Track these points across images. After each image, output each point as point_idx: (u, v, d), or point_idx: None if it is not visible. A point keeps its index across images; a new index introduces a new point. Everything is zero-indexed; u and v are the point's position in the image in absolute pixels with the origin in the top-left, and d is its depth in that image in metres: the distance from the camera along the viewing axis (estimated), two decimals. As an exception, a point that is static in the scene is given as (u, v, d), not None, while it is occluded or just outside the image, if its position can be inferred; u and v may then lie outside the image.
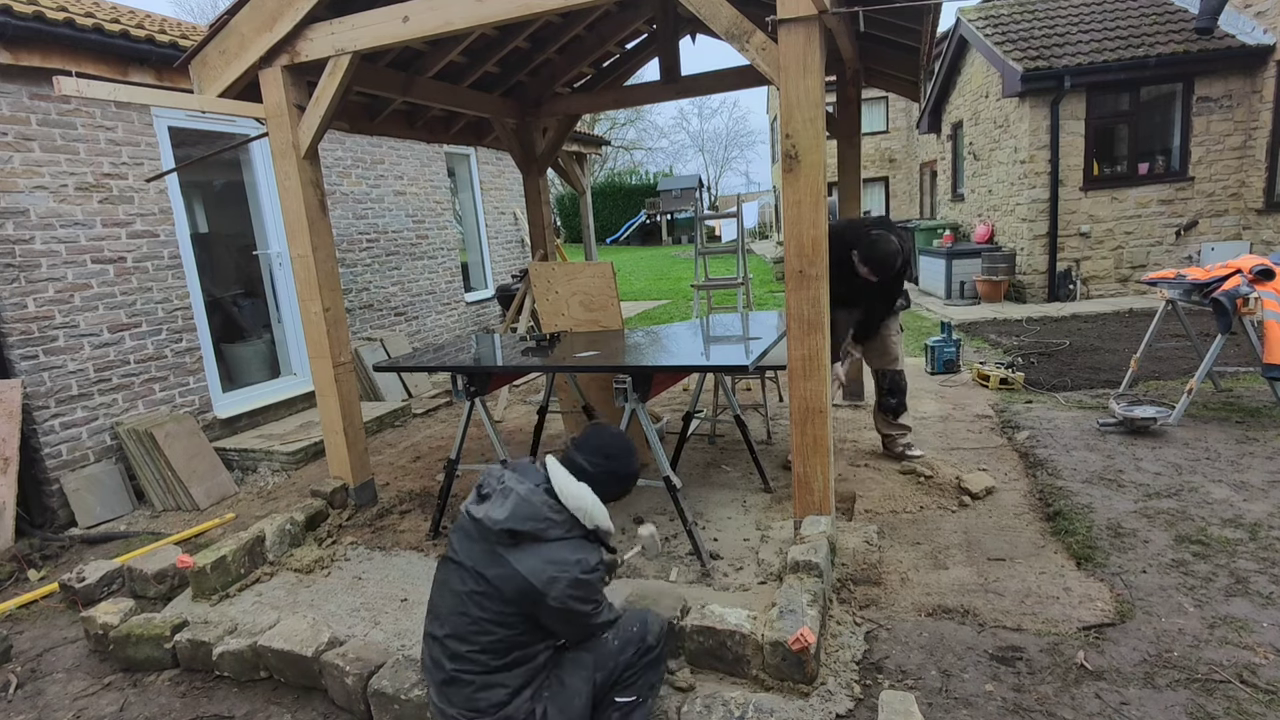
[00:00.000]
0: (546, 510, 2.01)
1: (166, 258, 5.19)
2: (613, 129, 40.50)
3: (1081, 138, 9.14)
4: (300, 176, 3.77)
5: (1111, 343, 7.05)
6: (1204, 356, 4.58)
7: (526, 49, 5.33)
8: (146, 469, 4.76)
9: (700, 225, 6.52)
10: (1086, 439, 4.48)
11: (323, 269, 3.90)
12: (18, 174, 4.34)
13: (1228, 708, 2.20)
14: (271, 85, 3.71)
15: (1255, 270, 4.40)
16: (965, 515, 3.64)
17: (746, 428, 4.09)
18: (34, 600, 3.59)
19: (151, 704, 2.72)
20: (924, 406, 5.45)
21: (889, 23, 4.02)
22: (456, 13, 3.27)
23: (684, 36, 5.58)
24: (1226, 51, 8.59)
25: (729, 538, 3.53)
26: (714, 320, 4.83)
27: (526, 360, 3.81)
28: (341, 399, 4.01)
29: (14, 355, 4.31)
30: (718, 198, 43.24)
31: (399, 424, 6.21)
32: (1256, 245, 8.75)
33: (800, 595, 2.59)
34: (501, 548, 1.97)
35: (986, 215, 11.06)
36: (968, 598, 2.90)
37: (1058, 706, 2.27)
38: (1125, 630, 2.61)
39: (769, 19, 2.88)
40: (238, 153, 5.98)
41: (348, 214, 7.08)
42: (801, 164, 2.96)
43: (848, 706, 2.32)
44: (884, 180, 21.87)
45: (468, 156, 9.30)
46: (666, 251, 27.38)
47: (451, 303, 8.72)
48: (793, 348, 3.11)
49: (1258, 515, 3.35)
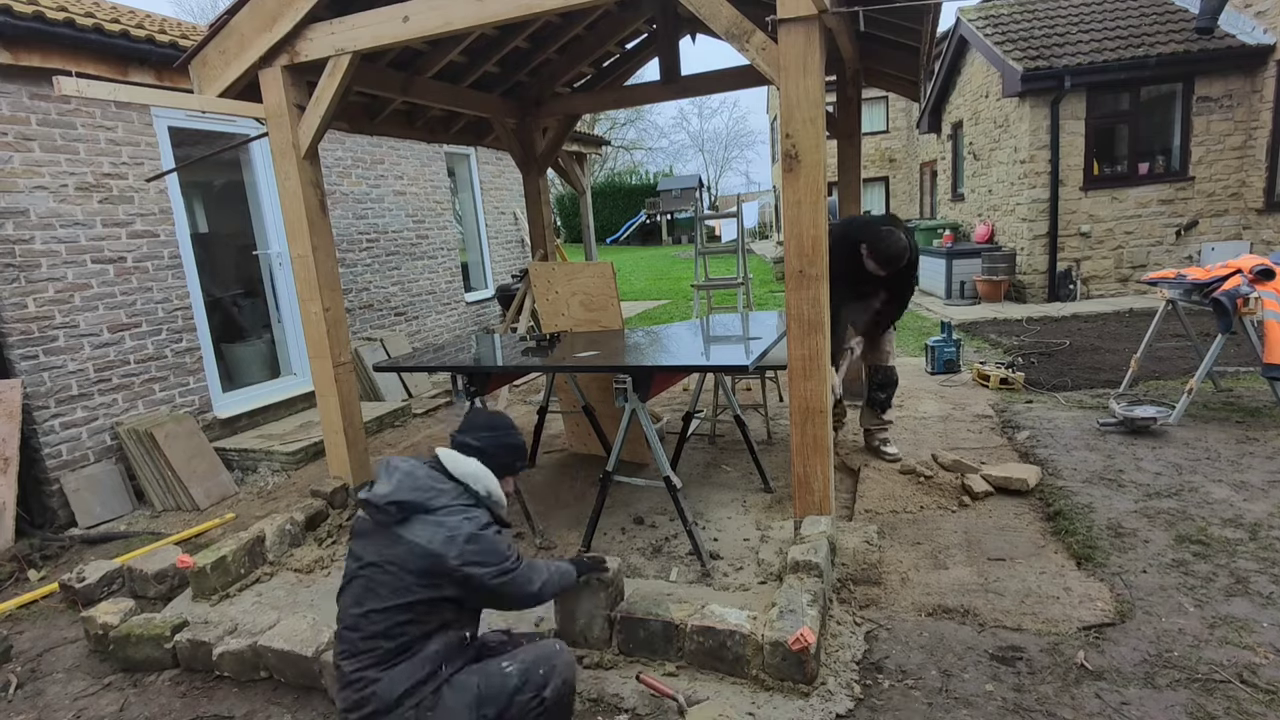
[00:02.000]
0: (430, 480, 2.02)
1: (166, 258, 5.19)
2: (613, 129, 40.50)
3: (1081, 137, 9.14)
4: (300, 176, 3.77)
5: (1111, 343, 7.05)
6: (1204, 356, 4.58)
7: (526, 49, 5.33)
8: (146, 469, 4.76)
9: (700, 225, 6.53)
10: (1086, 439, 4.48)
11: (323, 269, 3.90)
12: (18, 174, 4.34)
13: (1228, 708, 2.20)
14: (271, 85, 3.71)
15: (1255, 270, 4.40)
16: (965, 515, 3.64)
17: (746, 428, 4.09)
18: (34, 600, 3.59)
19: (151, 704, 2.72)
20: (924, 406, 5.45)
21: (889, 23, 4.02)
22: (456, 13, 3.27)
23: (684, 36, 5.59)
24: (1227, 51, 8.59)
25: (729, 538, 3.53)
26: (714, 320, 4.83)
27: (526, 360, 3.81)
28: (341, 399, 4.01)
29: (14, 355, 4.31)
30: (718, 198, 43.23)
31: (399, 424, 6.21)
32: (1256, 245, 8.75)
33: (800, 595, 2.59)
34: (395, 526, 1.95)
35: (986, 215, 11.06)
36: (968, 598, 2.90)
37: (1058, 706, 2.27)
38: (1125, 630, 2.61)
39: (769, 19, 2.87)
40: (238, 153, 5.98)
41: (348, 214, 7.08)
42: (801, 164, 2.96)
43: (848, 706, 2.32)
44: (884, 180, 21.87)
45: (468, 156, 9.30)
46: (666, 251, 27.38)
47: (451, 303, 8.72)
48: (793, 348, 3.11)
49: (1258, 515, 3.35)
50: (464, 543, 1.93)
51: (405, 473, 2.02)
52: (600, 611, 2.64)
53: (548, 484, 4.50)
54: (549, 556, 3.45)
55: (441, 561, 1.91)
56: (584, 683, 2.53)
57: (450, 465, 2.10)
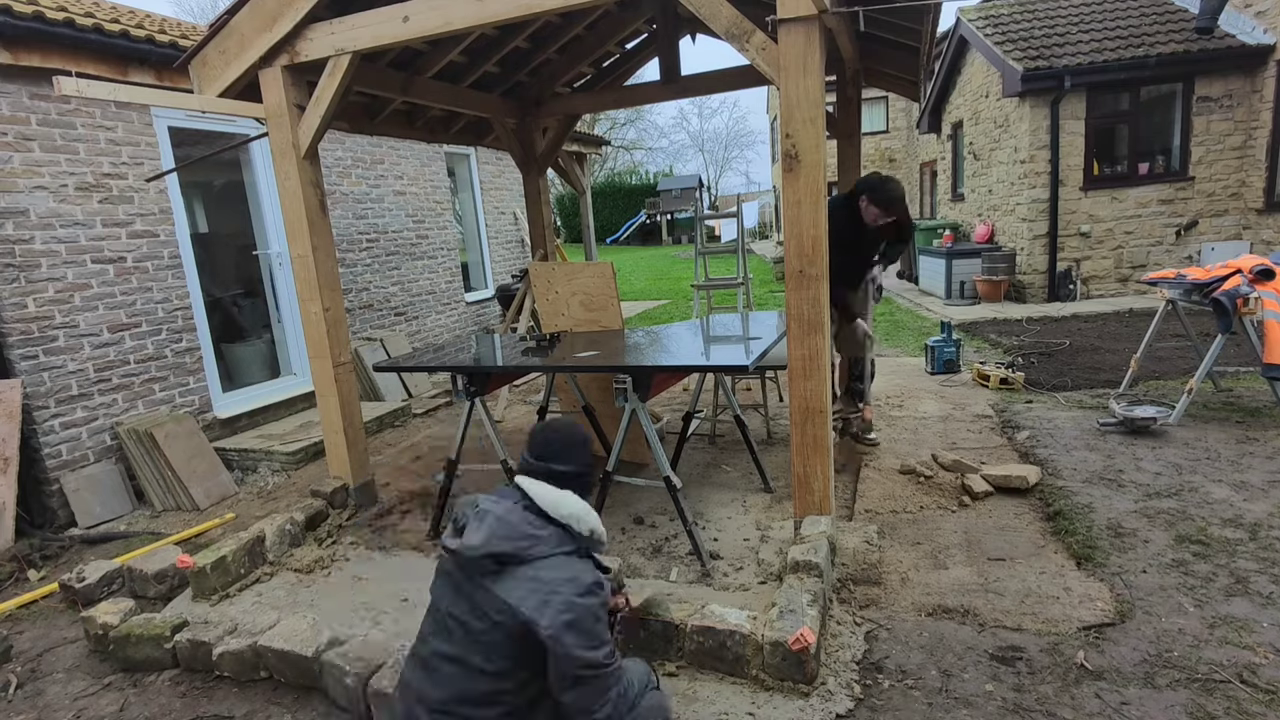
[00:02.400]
0: (527, 526, 1.76)
1: (166, 258, 5.19)
2: (613, 129, 40.50)
3: (1081, 137, 9.14)
4: (300, 176, 3.77)
5: (1111, 343, 7.05)
6: (1204, 356, 4.58)
7: (526, 49, 5.33)
8: (146, 469, 4.76)
9: (700, 225, 6.52)
10: (1086, 439, 4.48)
11: (323, 269, 3.90)
12: (17, 174, 4.34)
13: (1228, 708, 2.20)
14: (271, 85, 3.71)
15: (1255, 270, 4.40)
16: (965, 515, 3.64)
17: (746, 428, 4.09)
18: (34, 600, 3.59)
19: (151, 704, 2.72)
20: (924, 406, 5.45)
21: (889, 23, 4.02)
22: (456, 13, 3.27)
23: (684, 36, 5.59)
24: (1226, 51, 8.59)
25: (729, 538, 3.53)
26: (714, 320, 4.83)
27: (526, 360, 3.81)
28: (341, 399, 4.01)
29: (14, 355, 4.31)
30: (718, 198, 43.24)
31: (399, 424, 6.21)
32: (1256, 245, 8.75)
33: (800, 595, 2.59)
34: (487, 579, 1.71)
35: (986, 215, 11.05)
36: (968, 598, 2.90)
37: (1058, 706, 2.27)
38: (1125, 630, 2.61)
39: (769, 19, 2.87)
40: (238, 153, 5.98)
41: (348, 214, 7.08)
42: (801, 164, 2.96)
43: (848, 706, 2.32)
44: (884, 180, 21.84)
45: (468, 156, 9.30)
46: (666, 251, 27.38)
47: (451, 303, 8.72)
48: (793, 348, 3.11)
49: (1258, 515, 3.35)
50: (559, 611, 1.64)
51: (498, 518, 1.77)
52: (600, 611, 2.64)
53: (548, 484, 4.49)
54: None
55: (532, 630, 1.64)
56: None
57: (542, 501, 1.81)
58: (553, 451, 1.92)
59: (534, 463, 1.91)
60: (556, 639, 1.63)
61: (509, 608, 1.66)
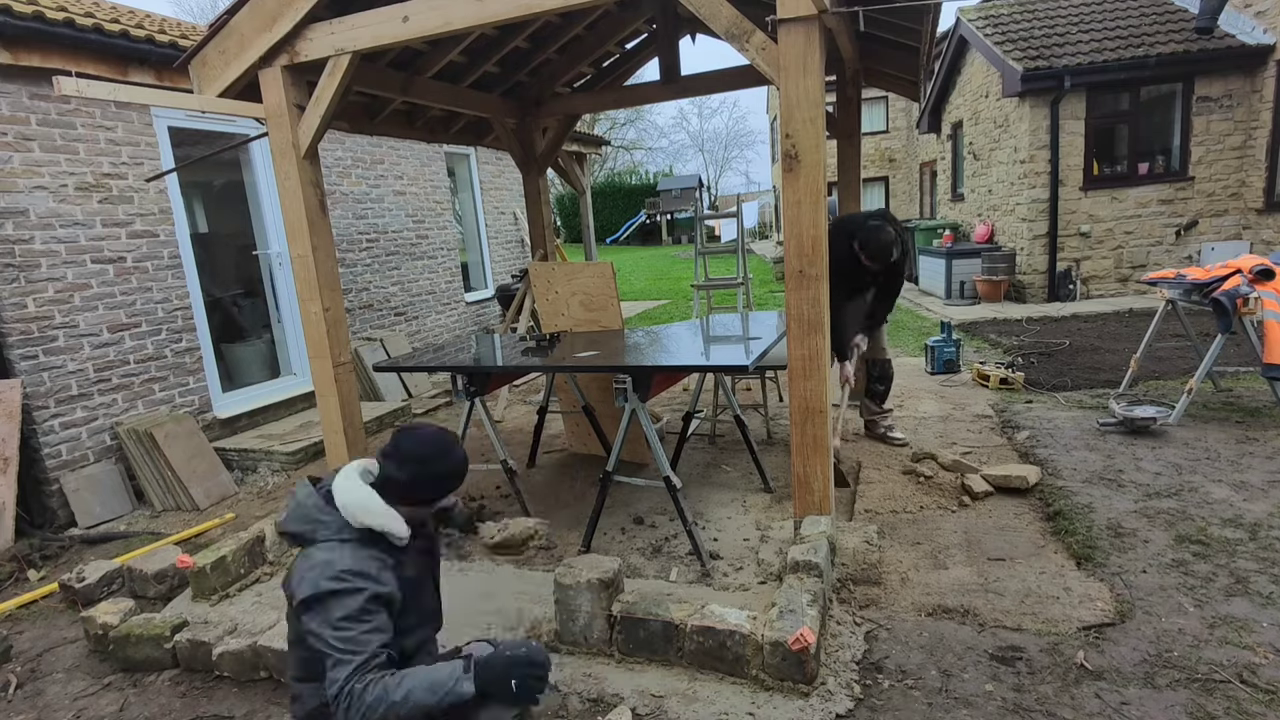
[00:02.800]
0: (316, 511, 1.87)
1: (166, 258, 5.19)
2: (613, 129, 40.50)
3: (1081, 137, 9.14)
4: (300, 176, 3.77)
5: (1111, 343, 7.05)
6: (1204, 356, 4.58)
7: (526, 49, 5.33)
8: (146, 469, 4.76)
9: (700, 225, 6.53)
10: (1086, 439, 4.48)
11: (323, 269, 3.90)
12: (17, 174, 4.34)
13: (1228, 708, 2.20)
14: (271, 85, 3.71)
15: (1255, 270, 4.40)
16: (965, 515, 3.64)
17: (746, 428, 4.09)
18: (34, 600, 3.59)
19: (151, 704, 2.72)
20: (924, 406, 5.45)
21: (889, 23, 4.02)
22: (456, 13, 3.26)
23: (684, 36, 5.58)
24: (1226, 51, 8.59)
25: (729, 538, 3.53)
26: (714, 320, 4.83)
27: (526, 360, 3.81)
28: (341, 399, 4.01)
29: (14, 355, 4.31)
30: (718, 198, 43.23)
31: (399, 424, 6.21)
32: (1256, 245, 8.75)
33: (800, 595, 2.59)
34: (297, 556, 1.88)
35: (986, 215, 11.06)
36: (968, 598, 2.90)
37: (1058, 706, 2.27)
38: (1125, 630, 2.61)
39: (769, 19, 2.87)
40: (238, 153, 5.98)
41: (348, 214, 7.08)
42: (801, 164, 2.96)
43: (848, 706, 2.32)
44: (884, 180, 21.86)
45: (468, 156, 9.30)
46: (666, 251, 27.38)
47: (451, 303, 8.72)
48: (793, 348, 3.11)
49: (1258, 515, 3.35)
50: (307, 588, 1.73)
51: (298, 502, 1.91)
52: (600, 611, 2.64)
53: (548, 484, 4.50)
54: (549, 558, 3.45)
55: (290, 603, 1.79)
56: (584, 683, 2.53)
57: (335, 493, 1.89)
58: (396, 455, 1.92)
59: (379, 457, 1.97)
60: (299, 613, 1.77)
61: (287, 580, 1.84)
